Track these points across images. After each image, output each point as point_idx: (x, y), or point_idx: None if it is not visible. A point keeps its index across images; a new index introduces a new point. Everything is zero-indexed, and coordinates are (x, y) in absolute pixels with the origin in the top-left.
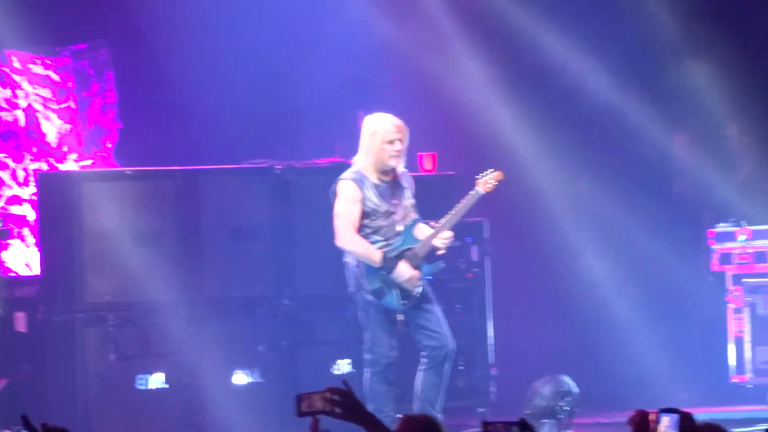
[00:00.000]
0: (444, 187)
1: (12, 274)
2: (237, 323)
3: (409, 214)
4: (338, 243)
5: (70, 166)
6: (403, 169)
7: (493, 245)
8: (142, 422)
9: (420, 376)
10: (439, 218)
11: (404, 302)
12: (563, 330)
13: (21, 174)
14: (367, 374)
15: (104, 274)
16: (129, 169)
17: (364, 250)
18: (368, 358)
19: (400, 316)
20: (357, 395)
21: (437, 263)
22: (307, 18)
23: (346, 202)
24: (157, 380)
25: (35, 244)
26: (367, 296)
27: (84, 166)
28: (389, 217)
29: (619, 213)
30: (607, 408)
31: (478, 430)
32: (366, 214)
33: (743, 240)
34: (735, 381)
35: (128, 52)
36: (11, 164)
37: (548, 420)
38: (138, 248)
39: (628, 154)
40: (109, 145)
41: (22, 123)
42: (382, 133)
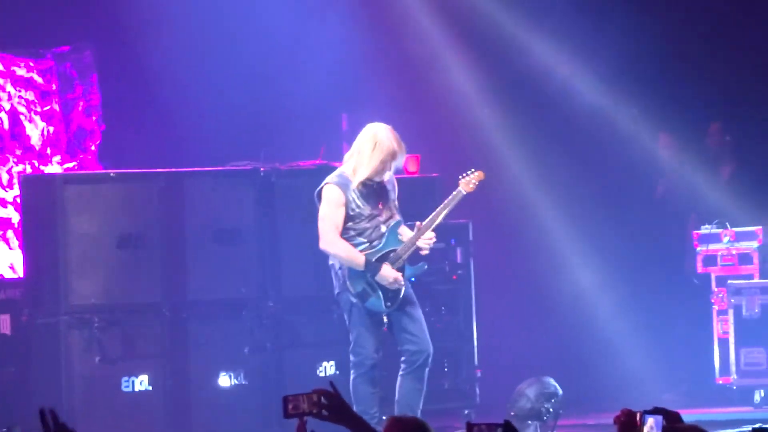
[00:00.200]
0: (427, 189)
1: None
2: (222, 325)
3: (392, 217)
4: (322, 246)
5: (54, 168)
6: (386, 179)
7: (478, 247)
8: (127, 424)
9: (400, 380)
10: (422, 219)
11: (388, 304)
12: (548, 332)
13: (5, 177)
14: (353, 376)
15: (89, 276)
16: (113, 172)
17: (348, 253)
18: (353, 360)
19: (385, 318)
20: (343, 397)
21: (420, 265)
22: (292, 20)
23: (330, 206)
24: (142, 382)
25: (19, 246)
26: (352, 299)
27: (68, 169)
28: (373, 219)
29: (603, 214)
30: (592, 409)
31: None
32: (350, 217)
33: (727, 242)
34: (720, 382)
35: (112, 55)
36: None
37: (533, 422)
38: (122, 250)
39: (612, 156)
40: (93, 148)
41: (6, 125)
42: (381, 150)
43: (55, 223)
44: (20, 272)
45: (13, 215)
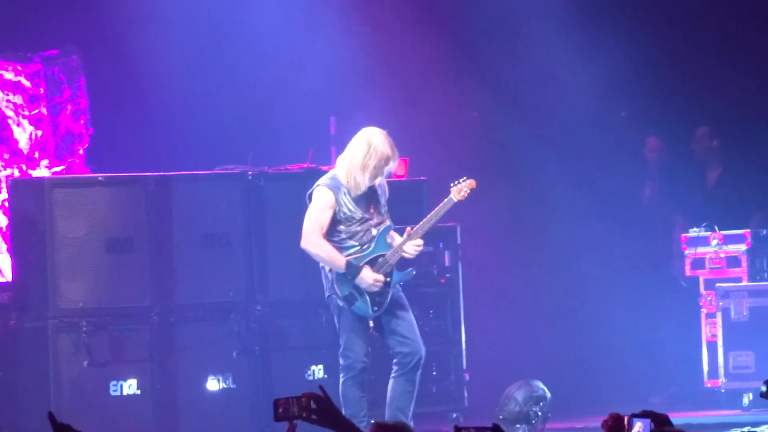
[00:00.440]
0: (416, 192)
1: None
2: (210, 329)
3: (383, 221)
4: (303, 245)
5: (42, 172)
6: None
7: (466, 250)
8: (115, 428)
9: (391, 383)
10: (411, 223)
11: (375, 308)
12: (536, 335)
13: None
14: (342, 379)
15: (77, 280)
16: (101, 175)
17: (329, 254)
18: (343, 363)
19: (371, 322)
20: (333, 401)
21: (409, 270)
22: (280, 23)
23: (318, 208)
24: (130, 386)
25: (7, 250)
26: (339, 302)
27: (56, 173)
28: (364, 222)
29: (591, 218)
30: (581, 413)
31: None
32: (341, 220)
33: (716, 245)
34: (708, 386)
35: (100, 58)
36: None
37: (522, 425)
38: (110, 254)
39: (600, 159)
40: (81, 151)
41: None
42: (375, 155)
43: (43, 226)
44: (8, 276)
45: (1, 219)
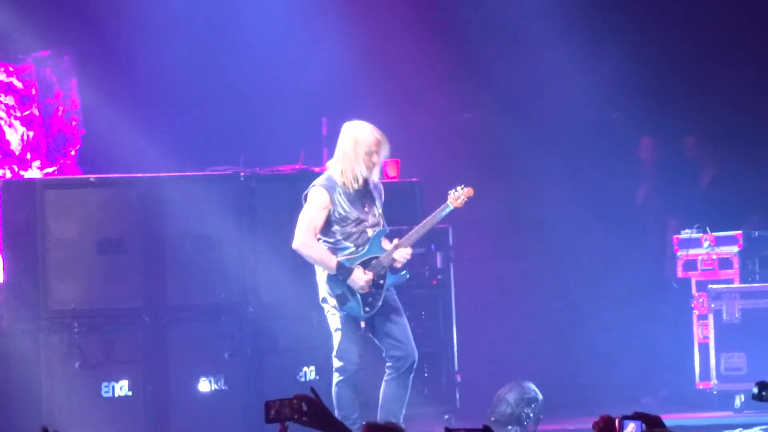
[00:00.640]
0: (407, 194)
1: None
2: (202, 331)
3: (379, 224)
4: (294, 245)
5: (33, 173)
6: (376, 178)
7: (458, 252)
8: (107, 429)
9: (384, 386)
10: (403, 224)
11: (366, 309)
12: (528, 337)
13: None
14: (335, 380)
15: (68, 281)
16: (93, 176)
17: (320, 255)
18: (337, 365)
19: (362, 323)
20: (324, 403)
21: (402, 273)
22: (272, 25)
23: (313, 208)
24: (122, 387)
25: None
26: (332, 303)
27: (48, 174)
28: (360, 224)
29: (584, 219)
30: (572, 414)
31: None
32: (336, 221)
33: (708, 246)
34: (700, 387)
35: (91, 59)
36: None
37: (513, 427)
38: (102, 255)
39: (593, 160)
40: (73, 153)
41: None
42: (363, 144)
43: (35, 228)
44: (0, 277)
45: None
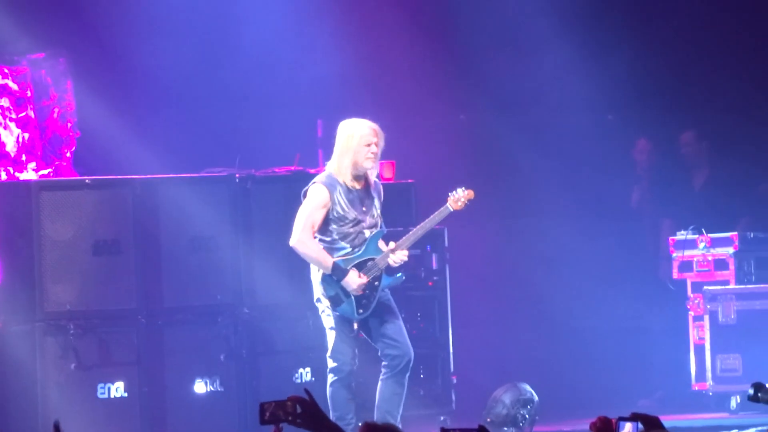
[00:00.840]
0: (403, 195)
1: None
2: (197, 332)
3: (376, 224)
4: (291, 243)
5: (29, 175)
6: (375, 178)
7: (453, 253)
8: (103, 431)
9: (380, 385)
10: (398, 226)
11: (360, 311)
12: (524, 338)
13: None
14: (330, 381)
15: (64, 282)
16: (88, 178)
17: (317, 254)
18: (331, 366)
19: (354, 325)
20: (319, 404)
21: (398, 276)
22: (267, 27)
23: (312, 206)
24: (118, 389)
25: None
26: (326, 303)
27: (43, 175)
28: (357, 224)
29: (579, 220)
30: (568, 416)
31: None
32: (334, 219)
33: (703, 248)
34: (696, 389)
35: (86, 61)
36: None
37: (509, 428)
38: (97, 257)
39: (588, 162)
40: (68, 154)
41: None
42: (359, 136)
43: (30, 229)
44: None
45: None
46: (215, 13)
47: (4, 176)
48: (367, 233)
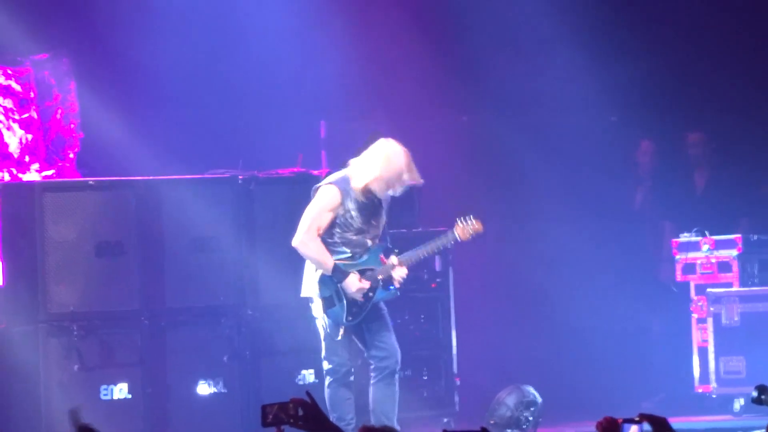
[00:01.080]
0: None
1: None
2: (200, 333)
3: (378, 234)
4: (294, 242)
5: (32, 176)
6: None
7: (457, 255)
8: None
9: (371, 390)
10: (400, 228)
11: (349, 318)
12: (527, 340)
13: None
14: (327, 382)
15: (67, 284)
16: (91, 179)
17: (319, 255)
18: (327, 367)
19: (340, 330)
20: (321, 406)
21: (392, 290)
22: (270, 28)
23: (321, 207)
24: (121, 390)
25: None
26: (317, 303)
27: (46, 176)
28: (361, 233)
29: (582, 222)
30: (571, 418)
31: None
32: (340, 224)
33: (707, 250)
34: (699, 391)
35: (90, 62)
36: None
37: (512, 430)
38: (101, 258)
39: (591, 164)
40: (72, 155)
41: None
42: (393, 173)
43: (33, 230)
44: None
45: None
46: (218, 14)
47: (7, 177)
48: (369, 243)
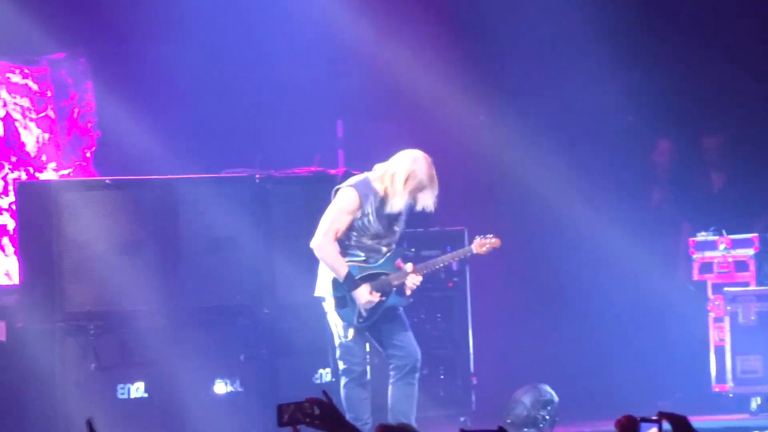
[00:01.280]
0: None
1: None
2: (217, 332)
3: (395, 239)
4: (313, 244)
5: (49, 175)
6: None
7: (473, 254)
8: None
9: (390, 389)
10: (416, 227)
11: (360, 320)
12: (544, 339)
13: (0, 183)
14: (343, 382)
15: (84, 283)
16: (108, 178)
17: (333, 260)
18: (342, 367)
19: (350, 331)
20: (337, 406)
21: (406, 296)
22: (287, 27)
23: (340, 209)
24: (138, 389)
25: (15, 253)
26: (330, 302)
27: (63, 175)
28: (376, 238)
29: (599, 222)
30: (588, 417)
31: None
32: (357, 228)
33: (723, 249)
34: (716, 390)
35: (107, 61)
36: None
37: (529, 429)
38: (117, 257)
39: (608, 163)
40: (88, 154)
41: (1, 132)
42: (415, 185)
43: (50, 229)
44: (15, 279)
45: (8, 222)
46: (236, 12)
47: (24, 176)
48: (384, 249)
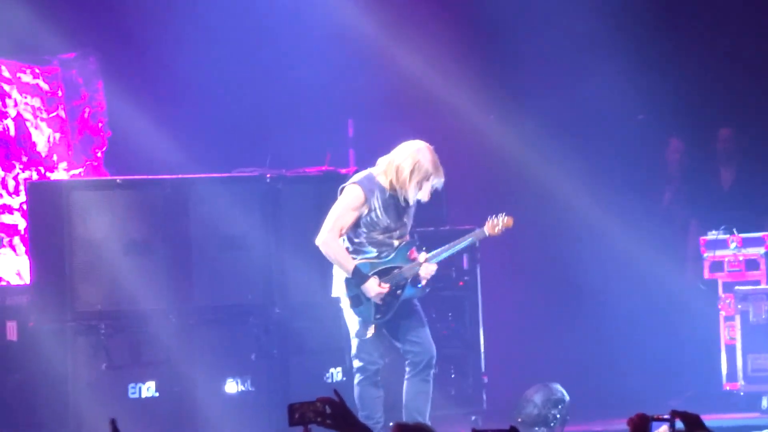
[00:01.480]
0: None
1: (3, 283)
2: (228, 332)
3: (406, 233)
4: (318, 241)
5: (60, 175)
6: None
7: (484, 253)
8: (134, 431)
9: (406, 385)
10: (427, 226)
11: (378, 316)
12: (555, 338)
13: (11, 183)
14: (356, 380)
15: (95, 282)
16: (119, 178)
17: (339, 256)
18: (357, 365)
19: (370, 328)
20: (348, 405)
21: (421, 287)
22: (298, 26)
23: (345, 207)
24: (149, 389)
25: (26, 252)
26: (345, 303)
27: (74, 175)
28: (387, 232)
29: (610, 221)
30: (599, 416)
31: None
32: (366, 224)
33: (734, 248)
34: (727, 388)
35: (117, 61)
36: (1, 173)
37: (540, 428)
38: (128, 257)
39: (619, 162)
40: (99, 154)
41: (12, 132)
42: (421, 174)
43: (61, 229)
44: (27, 279)
45: (19, 222)
46: (247, 12)
47: (35, 176)
48: (396, 242)
